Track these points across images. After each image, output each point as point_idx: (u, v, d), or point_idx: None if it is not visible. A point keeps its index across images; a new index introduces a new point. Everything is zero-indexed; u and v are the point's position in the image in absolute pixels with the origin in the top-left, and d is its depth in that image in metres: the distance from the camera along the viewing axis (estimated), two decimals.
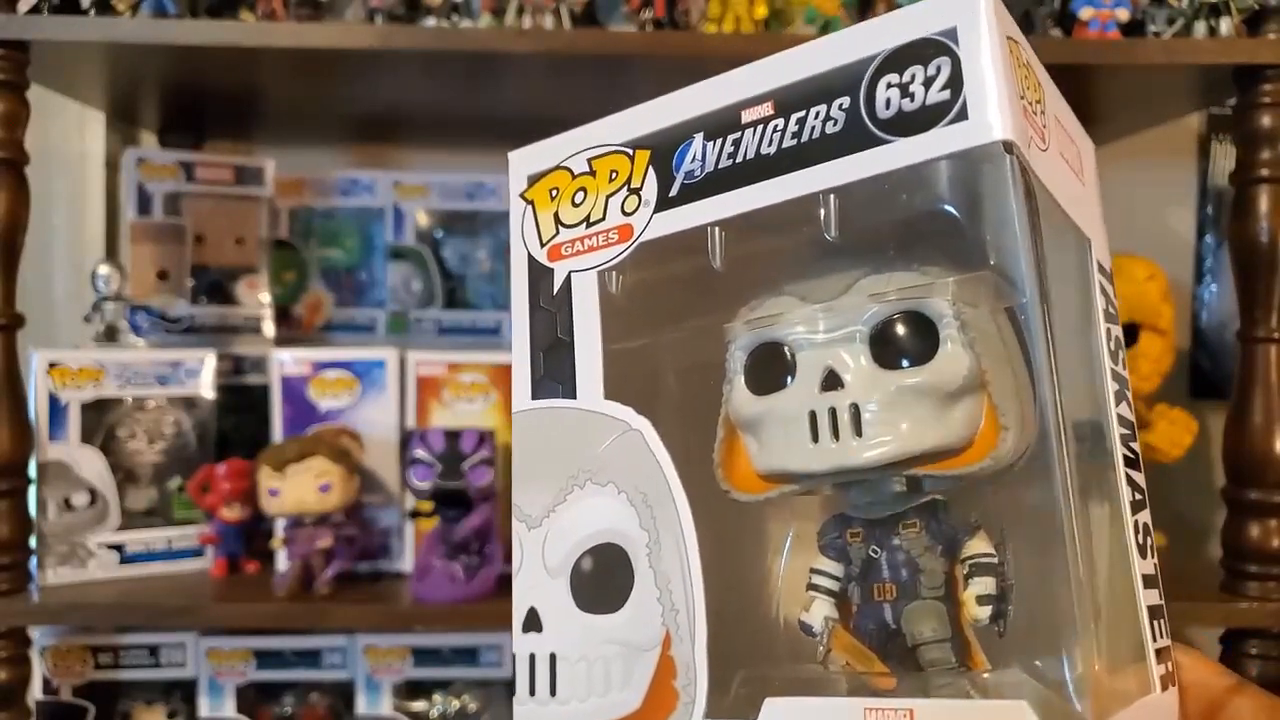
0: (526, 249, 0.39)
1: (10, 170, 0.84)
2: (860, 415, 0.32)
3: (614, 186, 0.37)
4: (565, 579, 0.36)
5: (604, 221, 0.37)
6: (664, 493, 0.35)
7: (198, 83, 1.02)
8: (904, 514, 0.34)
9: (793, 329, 0.35)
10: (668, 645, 0.34)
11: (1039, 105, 0.33)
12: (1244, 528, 0.85)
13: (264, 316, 1.14)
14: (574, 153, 0.39)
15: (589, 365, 0.37)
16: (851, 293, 0.34)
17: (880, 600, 0.33)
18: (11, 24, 0.83)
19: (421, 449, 0.88)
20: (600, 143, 0.38)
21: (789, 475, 0.35)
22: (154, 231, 1.10)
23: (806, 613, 0.35)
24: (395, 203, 1.19)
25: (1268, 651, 0.85)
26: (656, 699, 0.34)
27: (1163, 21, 0.88)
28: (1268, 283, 0.84)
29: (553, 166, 0.39)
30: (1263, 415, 0.84)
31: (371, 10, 0.89)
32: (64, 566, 0.94)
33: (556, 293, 0.38)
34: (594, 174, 0.38)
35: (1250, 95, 0.84)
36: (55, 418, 0.94)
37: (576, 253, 0.38)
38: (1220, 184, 1.20)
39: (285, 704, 1.06)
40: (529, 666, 0.36)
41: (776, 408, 0.34)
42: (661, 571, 0.34)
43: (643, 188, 0.37)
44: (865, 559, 0.34)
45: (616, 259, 0.37)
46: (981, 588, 0.32)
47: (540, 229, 0.39)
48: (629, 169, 0.37)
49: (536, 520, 0.37)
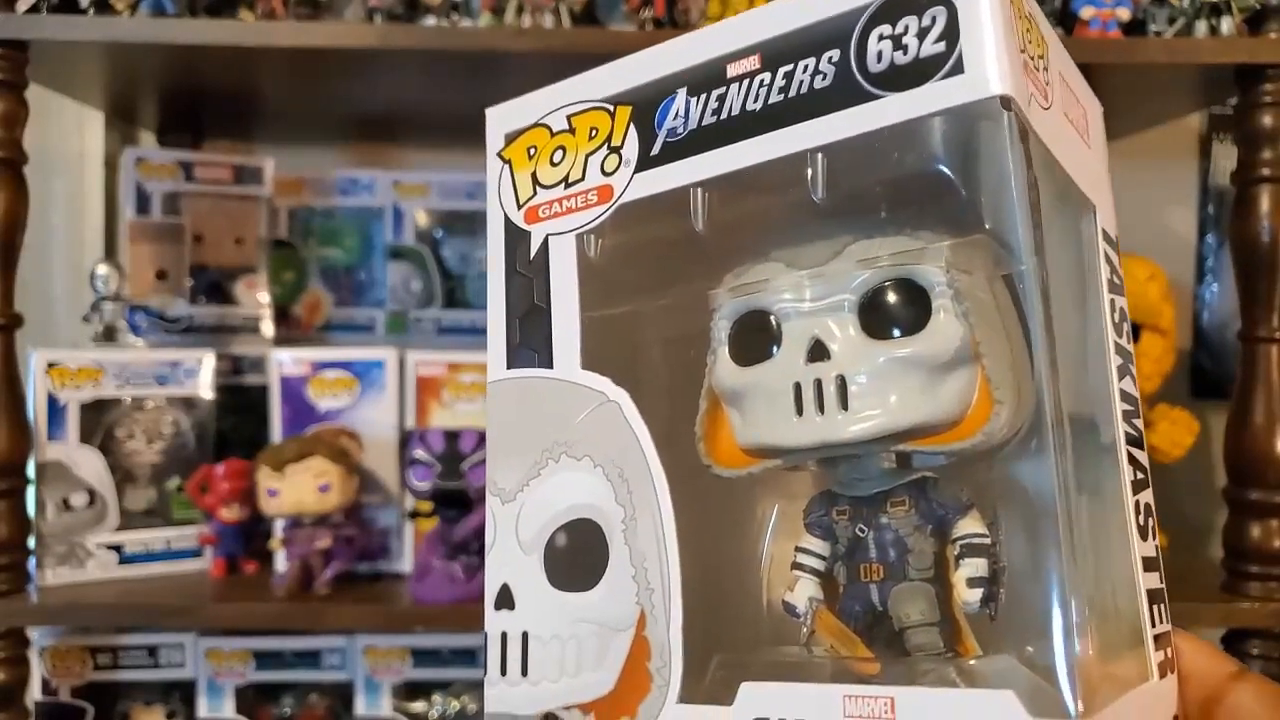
0: (503, 211, 0.38)
1: (9, 170, 0.84)
2: (846, 387, 0.31)
3: (594, 145, 0.36)
4: (539, 555, 0.35)
5: (583, 182, 0.36)
6: (641, 467, 0.34)
7: (197, 82, 1.02)
8: (892, 491, 0.32)
9: (779, 296, 0.33)
10: (642, 626, 0.33)
11: (1041, 60, 0.32)
12: (1245, 528, 0.85)
13: (263, 316, 1.14)
14: (553, 109, 0.37)
15: (566, 333, 0.36)
16: (840, 258, 0.33)
17: (867, 581, 0.32)
18: (10, 23, 0.83)
19: (421, 449, 0.88)
20: (581, 98, 0.36)
21: (773, 450, 0.33)
22: (153, 231, 1.10)
23: (790, 593, 0.34)
24: (395, 202, 1.19)
25: (1269, 652, 0.85)
26: (630, 681, 0.33)
27: (1164, 21, 0.87)
28: (1269, 282, 0.84)
29: (531, 124, 0.38)
30: (1264, 415, 0.84)
31: (371, 9, 0.89)
32: (63, 567, 0.93)
33: (534, 257, 0.36)
34: (573, 131, 0.36)
35: (1251, 95, 0.84)
36: (54, 418, 0.94)
37: (554, 214, 0.36)
38: (1221, 183, 1.20)
39: (284, 705, 1.06)
40: (500, 645, 0.35)
41: (761, 379, 0.33)
42: (637, 549, 0.33)
43: (623, 146, 0.35)
44: (852, 538, 0.33)
45: (595, 221, 0.35)
46: (972, 570, 0.31)
47: (517, 190, 0.38)
48: (609, 126, 0.35)
49: (510, 494, 0.36)
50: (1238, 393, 0.86)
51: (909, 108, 0.29)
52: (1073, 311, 0.35)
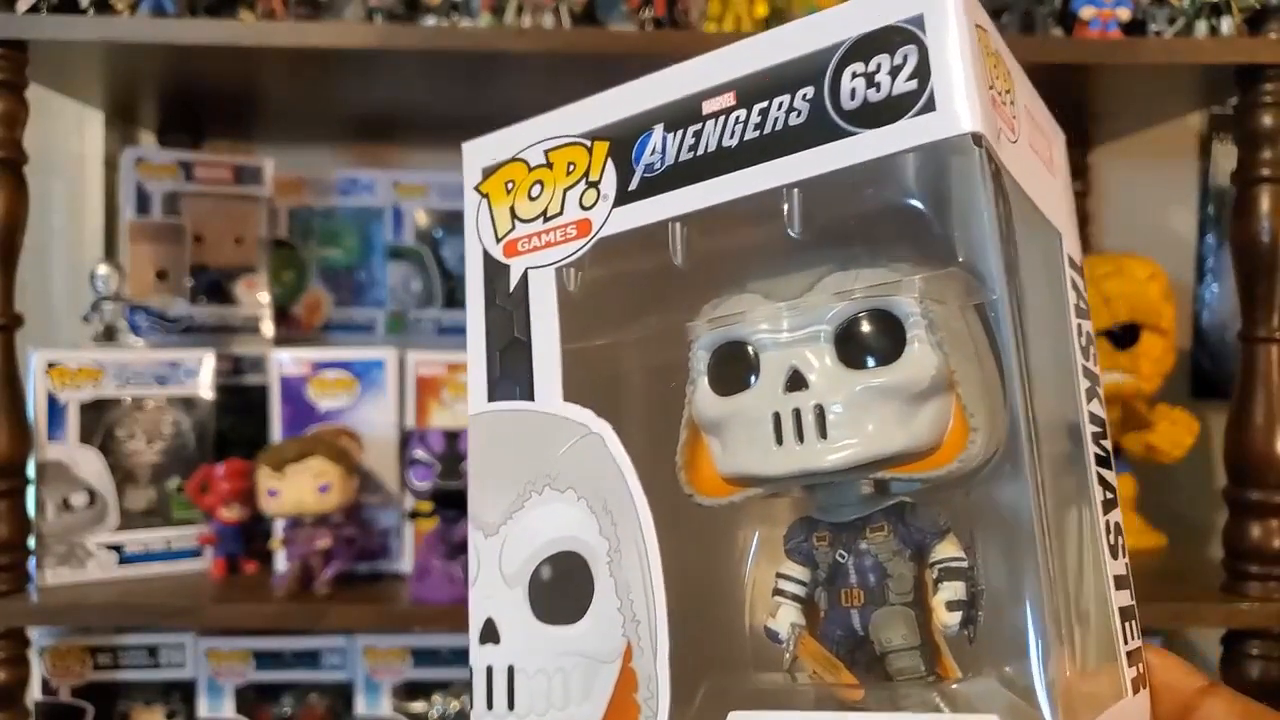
0: (482, 244, 0.38)
1: (9, 170, 0.84)
2: (825, 416, 0.31)
3: (572, 179, 0.36)
4: (523, 588, 0.35)
5: (561, 216, 0.36)
6: (625, 499, 0.34)
7: (197, 82, 1.02)
8: (870, 517, 0.33)
9: (756, 327, 0.34)
10: (629, 657, 0.33)
11: (1008, 95, 0.32)
12: (1245, 528, 0.85)
13: (263, 316, 1.14)
14: (530, 144, 0.37)
15: (547, 366, 0.36)
16: (816, 290, 0.33)
17: (848, 606, 0.32)
18: (10, 23, 0.83)
19: (421, 449, 0.88)
20: (557, 134, 0.37)
21: (752, 478, 0.34)
22: (153, 231, 1.10)
23: (773, 619, 0.34)
24: (395, 202, 1.19)
25: (1269, 652, 0.85)
26: (618, 712, 0.33)
27: (1164, 21, 0.87)
28: (1269, 283, 0.84)
29: (508, 158, 0.38)
30: (1264, 415, 0.84)
31: (371, 9, 0.89)
32: (63, 567, 0.93)
33: (513, 290, 0.37)
34: (551, 166, 0.37)
35: (1251, 95, 0.84)
36: (54, 418, 0.94)
37: (533, 249, 0.37)
38: (1221, 184, 1.20)
39: (284, 705, 1.06)
40: (485, 679, 0.35)
41: (740, 409, 0.33)
42: (622, 581, 0.33)
43: (601, 181, 0.35)
44: (832, 564, 0.33)
45: (574, 255, 0.36)
46: (950, 593, 0.31)
47: (495, 223, 0.38)
48: (587, 161, 0.36)
49: (493, 527, 0.36)
50: (1238, 393, 0.86)
51: (882, 144, 0.30)
52: (1045, 336, 0.35)
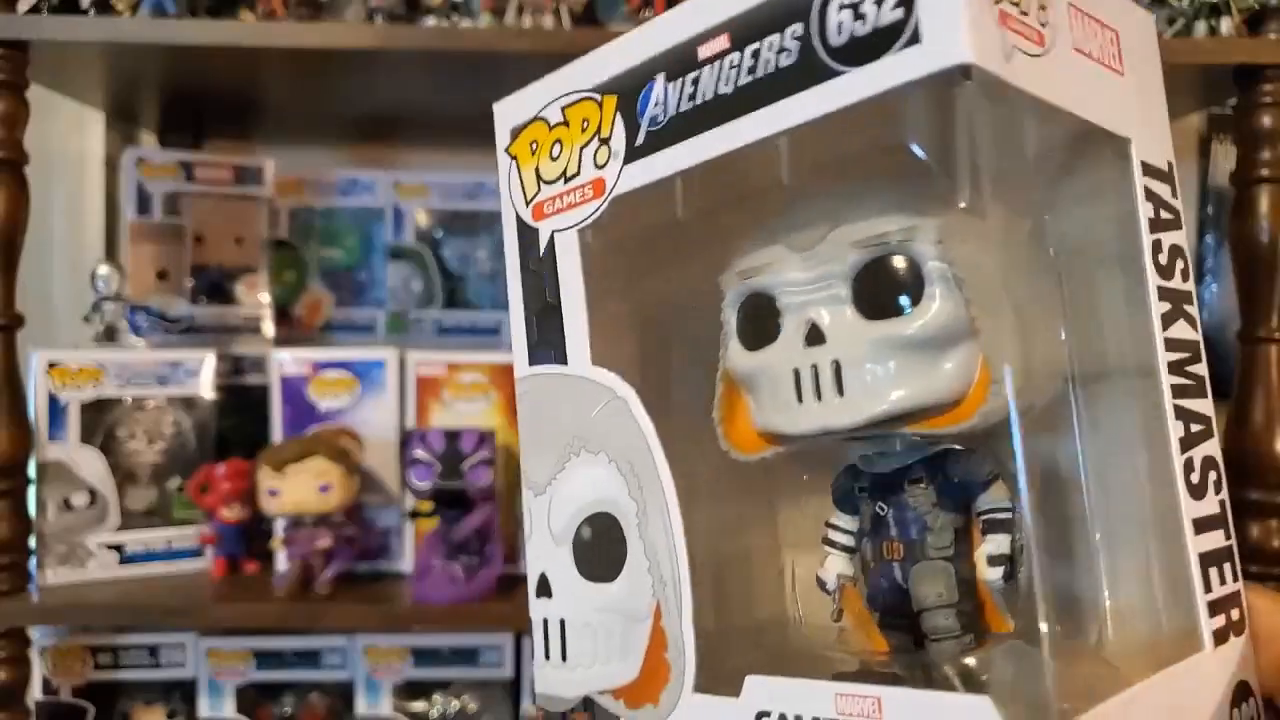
0: (514, 209, 0.37)
1: (10, 170, 0.84)
2: (841, 372, 0.30)
3: (586, 137, 0.35)
4: (568, 547, 0.35)
5: (579, 176, 0.35)
6: (648, 462, 0.33)
7: (197, 82, 1.02)
8: (910, 469, 0.31)
9: (779, 279, 0.32)
10: (658, 616, 0.33)
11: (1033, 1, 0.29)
12: (1245, 528, 0.85)
13: (263, 316, 1.14)
14: (549, 101, 0.36)
15: (576, 330, 0.35)
16: (830, 240, 0.31)
17: (890, 559, 0.32)
18: (11, 24, 0.83)
19: (421, 449, 0.88)
20: (572, 89, 0.35)
21: (780, 435, 0.33)
22: (153, 231, 1.10)
23: (821, 568, 0.35)
24: (395, 202, 1.19)
25: None
26: (652, 670, 0.33)
27: (1163, 21, 0.87)
28: (1268, 283, 0.84)
29: (531, 118, 0.37)
30: (1263, 415, 0.84)
31: (371, 10, 0.89)
32: (63, 567, 0.93)
33: (543, 254, 0.36)
34: (567, 124, 0.35)
35: (1251, 95, 0.84)
36: (55, 418, 0.94)
37: (558, 210, 0.36)
38: (1221, 184, 1.20)
39: (285, 704, 1.06)
40: (543, 631, 0.36)
41: (766, 364, 0.33)
42: (649, 542, 0.33)
43: (611, 137, 0.34)
44: (874, 515, 0.33)
45: (592, 216, 0.34)
46: (993, 546, 0.30)
47: (524, 186, 0.37)
48: (598, 117, 0.34)
49: (541, 487, 0.36)
50: (1237, 393, 0.86)
51: (869, 84, 0.27)
52: (1101, 267, 0.33)
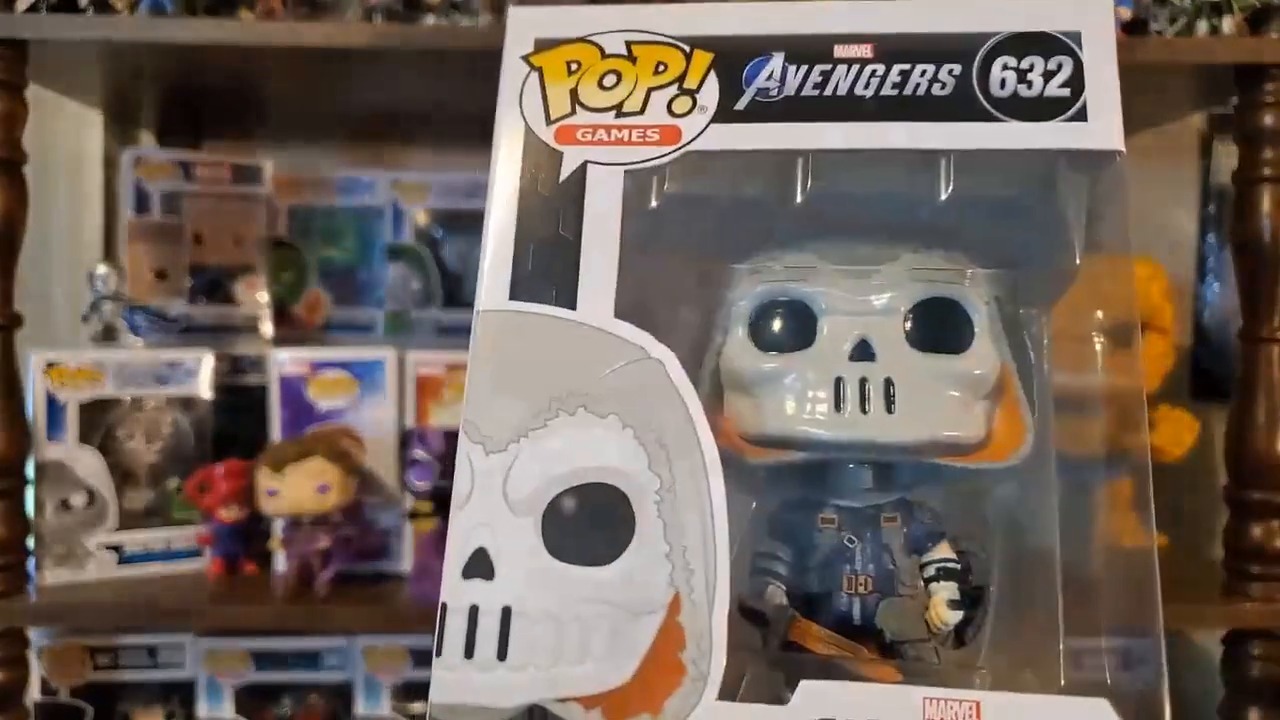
0: (525, 121, 0.35)
1: (8, 170, 0.84)
2: (892, 390, 0.31)
3: (661, 80, 0.34)
4: (535, 519, 0.31)
5: (642, 115, 0.34)
6: (688, 435, 0.31)
7: (196, 82, 1.02)
8: (883, 507, 0.32)
9: (821, 289, 0.32)
10: (675, 610, 0.29)
11: None
12: (1246, 528, 0.85)
13: (262, 316, 1.13)
14: (608, 29, 0.35)
15: (599, 275, 0.32)
16: (895, 265, 0.32)
17: (851, 593, 0.32)
18: (9, 23, 0.82)
19: (420, 449, 0.88)
20: (646, 28, 0.34)
21: (801, 441, 0.32)
22: (152, 231, 1.10)
23: (760, 599, 0.33)
24: (394, 202, 1.19)
25: (1270, 653, 0.85)
26: (654, 673, 0.29)
27: (1165, 20, 0.87)
28: (1270, 282, 0.84)
29: (576, 37, 0.35)
30: (1265, 415, 0.84)
31: (370, 9, 0.89)
32: (62, 567, 0.93)
33: (563, 181, 0.33)
34: (634, 60, 0.34)
35: (1252, 94, 0.84)
36: (53, 418, 0.94)
37: (599, 141, 0.34)
38: (1222, 183, 1.19)
39: (284, 705, 1.06)
40: (467, 620, 0.31)
41: (792, 369, 0.32)
42: (675, 524, 0.30)
43: (699, 90, 0.33)
44: (836, 547, 0.32)
45: (655, 162, 0.33)
46: (949, 592, 0.31)
47: (548, 103, 0.35)
48: (683, 66, 0.33)
49: (500, 443, 0.32)
50: (1238, 393, 0.86)
51: (1031, 137, 0.32)
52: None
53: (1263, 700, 0.86)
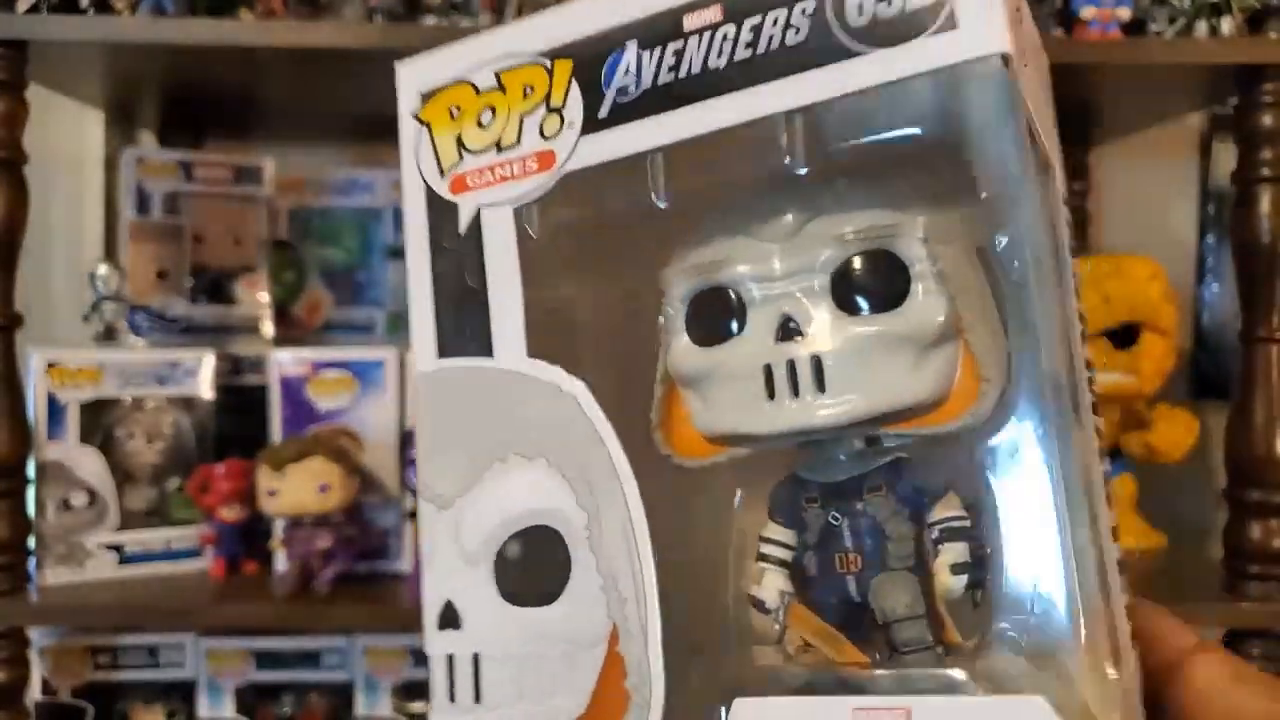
0: (423, 179, 0.34)
1: (9, 170, 0.84)
2: (822, 368, 0.29)
3: (529, 104, 0.32)
4: (488, 567, 0.32)
5: (519, 147, 0.32)
6: (605, 466, 0.30)
7: (197, 82, 1.02)
8: (867, 476, 0.30)
9: (741, 272, 0.31)
10: (615, 641, 0.30)
11: (1019, 13, 0.29)
12: (1245, 528, 0.85)
13: (263, 316, 1.13)
14: (477, 64, 0.33)
15: (507, 317, 0.32)
16: (808, 231, 0.30)
17: (843, 572, 0.30)
18: (10, 23, 0.83)
19: None
20: (510, 51, 0.32)
21: (741, 437, 0.31)
22: (153, 231, 1.10)
23: (758, 586, 0.32)
24: (395, 202, 1.19)
25: (1270, 653, 0.85)
26: (604, 702, 0.30)
27: (1164, 21, 0.87)
28: (1269, 283, 0.84)
29: (451, 80, 0.34)
30: (1264, 415, 0.84)
31: (370, 9, 0.89)
32: (62, 567, 0.93)
33: (464, 232, 0.33)
34: (504, 90, 0.32)
35: (1251, 95, 0.84)
36: (54, 418, 0.94)
37: (486, 183, 0.33)
38: (1222, 184, 1.19)
39: (284, 705, 1.06)
40: (447, 669, 0.32)
41: (725, 361, 0.31)
42: (605, 556, 0.30)
43: (565, 106, 0.31)
44: (824, 527, 0.31)
45: (536, 191, 0.32)
46: (953, 555, 0.29)
47: (439, 155, 0.34)
48: (547, 84, 0.32)
49: (448, 500, 0.32)
50: (1238, 393, 0.86)
51: (896, 66, 0.27)
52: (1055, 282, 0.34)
53: None
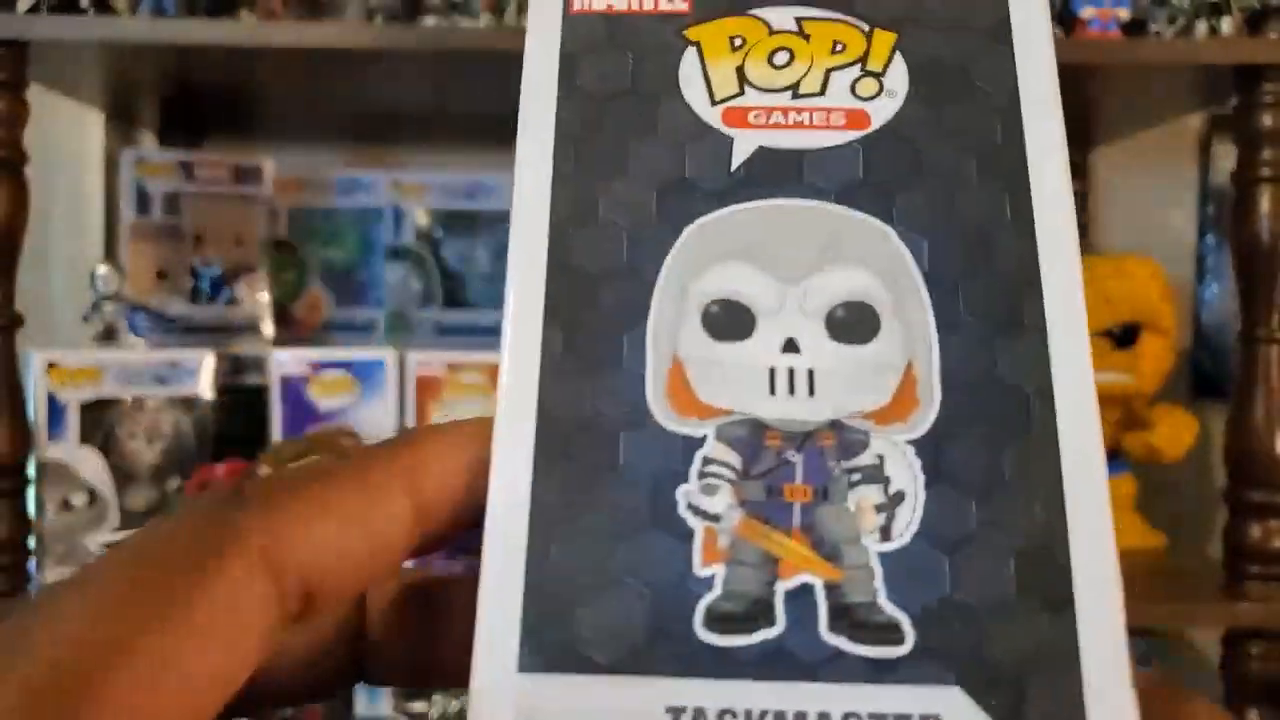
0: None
1: (9, 170, 0.84)
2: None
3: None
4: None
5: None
6: None
7: (197, 82, 1.02)
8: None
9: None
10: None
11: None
12: (1245, 528, 0.85)
13: (263, 316, 1.14)
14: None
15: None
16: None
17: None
18: (10, 23, 0.82)
19: None
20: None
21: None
22: (153, 231, 1.10)
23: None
24: (395, 202, 1.19)
25: (1270, 653, 0.85)
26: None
27: (1164, 21, 0.87)
28: (1269, 283, 0.84)
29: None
30: (1264, 415, 0.84)
31: (371, 9, 0.89)
32: (63, 567, 0.93)
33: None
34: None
35: (1251, 95, 0.84)
36: (54, 418, 0.94)
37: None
38: (1221, 183, 1.20)
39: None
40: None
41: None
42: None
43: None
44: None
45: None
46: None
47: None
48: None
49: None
50: (1237, 393, 0.86)
51: None
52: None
53: (1262, 700, 0.86)
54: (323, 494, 0.20)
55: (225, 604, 0.17)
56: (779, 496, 0.33)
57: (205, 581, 0.17)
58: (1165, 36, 0.87)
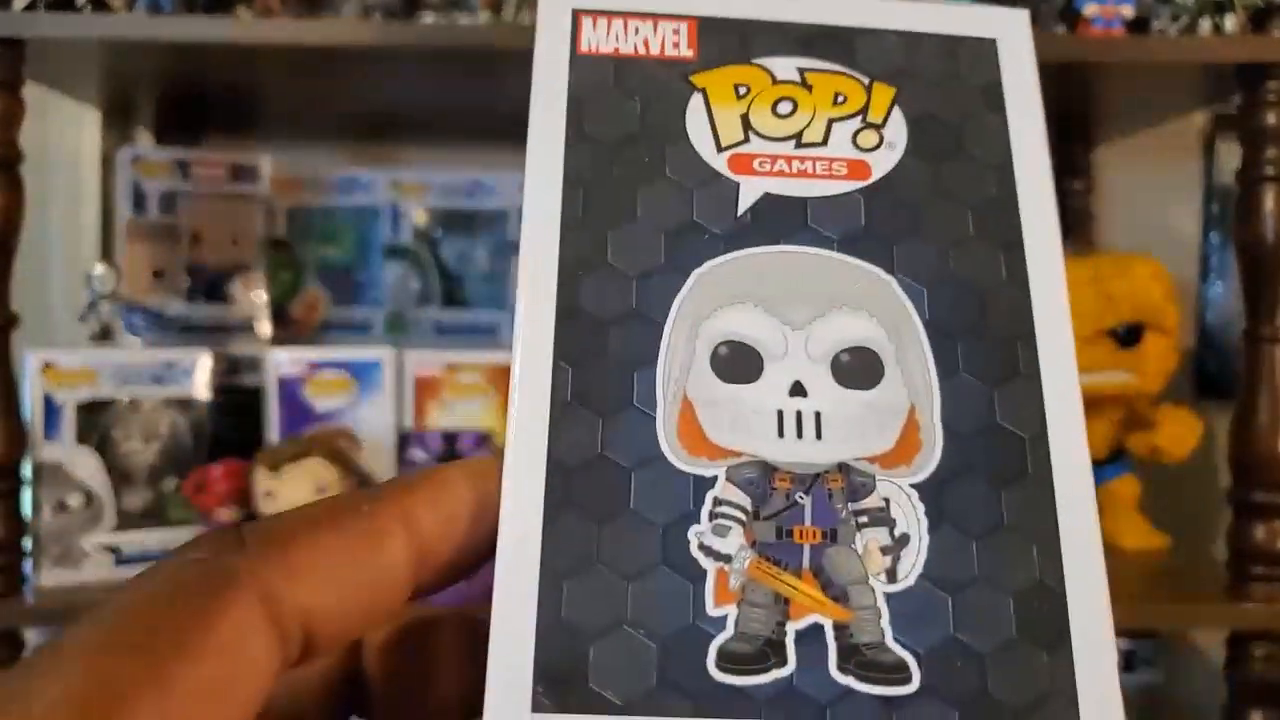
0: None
1: (5, 169, 0.84)
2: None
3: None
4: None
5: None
6: None
7: (194, 80, 1.02)
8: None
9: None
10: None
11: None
12: (1250, 529, 0.85)
13: (260, 316, 1.13)
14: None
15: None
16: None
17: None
18: (6, 21, 0.82)
19: (419, 450, 0.87)
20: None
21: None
22: (149, 230, 1.10)
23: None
24: (393, 201, 1.19)
25: (1274, 654, 0.84)
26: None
27: (1167, 18, 0.87)
28: (1273, 282, 0.84)
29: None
30: (1268, 415, 0.83)
31: (369, 6, 0.88)
32: (59, 568, 0.93)
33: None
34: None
35: (1256, 93, 0.84)
36: (50, 418, 0.93)
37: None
38: (1226, 182, 1.19)
39: None
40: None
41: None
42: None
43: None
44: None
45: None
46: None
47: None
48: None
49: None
50: (1242, 393, 0.86)
51: None
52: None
53: (1266, 702, 0.86)
54: (323, 539, 0.19)
55: (227, 652, 0.17)
56: (789, 538, 0.33)
57: (207, 629, 0.17)
58: (1169, 34, 0.86)
